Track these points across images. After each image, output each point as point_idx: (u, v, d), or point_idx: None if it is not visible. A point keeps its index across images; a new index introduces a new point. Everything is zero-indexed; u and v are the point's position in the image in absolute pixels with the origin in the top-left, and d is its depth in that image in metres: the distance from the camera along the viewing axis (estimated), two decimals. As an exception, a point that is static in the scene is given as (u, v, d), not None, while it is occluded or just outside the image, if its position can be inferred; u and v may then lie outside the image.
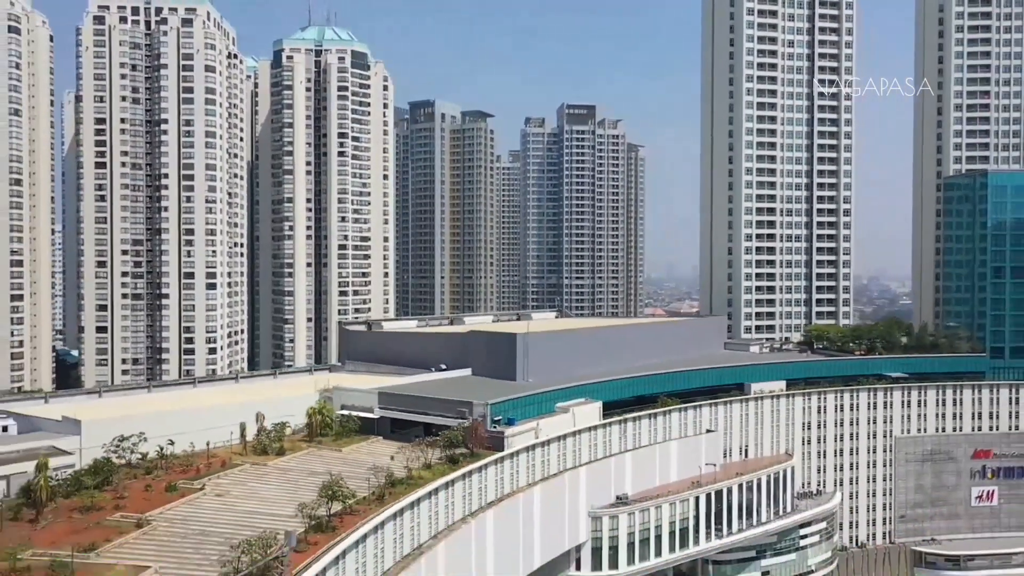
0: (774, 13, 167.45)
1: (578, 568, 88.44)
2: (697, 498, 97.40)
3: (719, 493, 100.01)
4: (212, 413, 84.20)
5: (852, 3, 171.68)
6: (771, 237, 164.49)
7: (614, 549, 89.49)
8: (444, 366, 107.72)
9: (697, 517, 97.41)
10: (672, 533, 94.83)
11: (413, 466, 71.18)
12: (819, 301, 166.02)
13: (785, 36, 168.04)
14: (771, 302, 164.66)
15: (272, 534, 49.20)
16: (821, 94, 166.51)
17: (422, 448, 75.27)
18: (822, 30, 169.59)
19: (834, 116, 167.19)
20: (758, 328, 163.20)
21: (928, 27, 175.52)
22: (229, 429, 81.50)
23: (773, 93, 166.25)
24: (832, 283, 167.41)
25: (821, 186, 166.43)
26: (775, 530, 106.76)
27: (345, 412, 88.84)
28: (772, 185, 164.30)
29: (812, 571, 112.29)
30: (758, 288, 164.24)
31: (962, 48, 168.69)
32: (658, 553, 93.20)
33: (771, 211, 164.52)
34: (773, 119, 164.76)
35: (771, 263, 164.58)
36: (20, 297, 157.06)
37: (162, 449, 73.42)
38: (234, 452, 78.91)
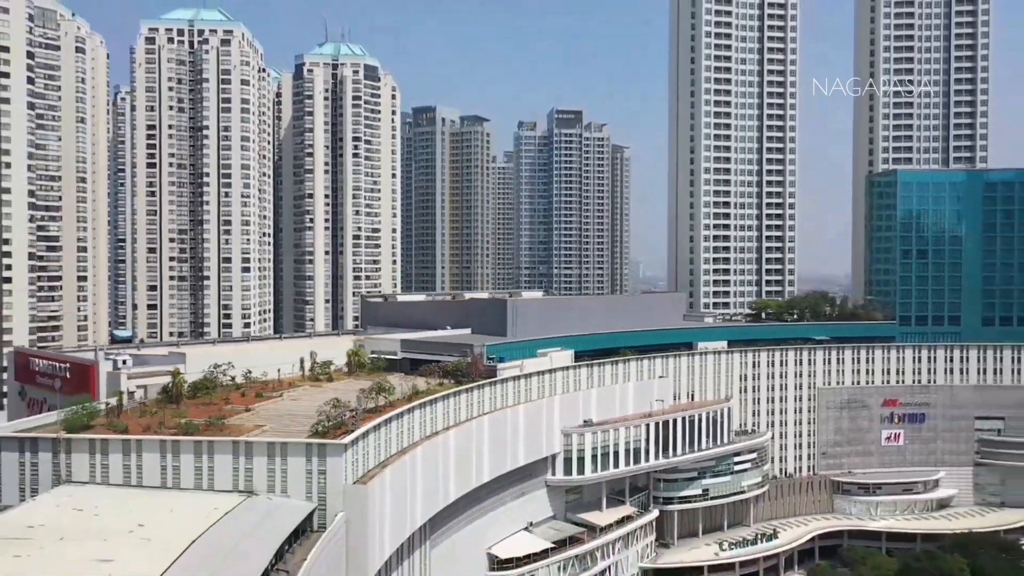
0: (728, 24, 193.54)
1: (553, 473, 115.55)
2: (648, 425, 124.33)
3: (666, 423, 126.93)
4: (277, 353, 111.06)
5: (796, 16, 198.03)
6: (726, 227, 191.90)
7: (581, 459, 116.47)
8: (448, 327, 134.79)
9: (648, 440, 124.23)
10: (627, 451, 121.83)
11: (431, 385, 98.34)
12: (768, 281, 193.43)
13: (737, 50, 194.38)
14: (727, 282, 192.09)
15: (346, 403, 76.38)
16: (770, 104, 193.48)
17: (436, 375, 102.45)
18: (771, 39, 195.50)
19: (780, 123, 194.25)
20: (716, 304, 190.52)
21: (861, 31, 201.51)
22: (290, 364, 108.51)
23: (727, 103, 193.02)
24: (779, 266, 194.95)
25: (770, 183, 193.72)
26: (713, 456, 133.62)
27: (375, 355, 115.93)
28: (727, 183, 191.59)
29: (744, 491, 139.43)
30: (716, 270, 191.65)
31: (889, 54, 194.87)
32: (616, 465, 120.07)
33: (726, 204, 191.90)
34: (728, 126, 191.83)
35: (726, 249, 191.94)
36: (84, 279, 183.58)
37: (248, 372, 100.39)
38: (296, 380, 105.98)
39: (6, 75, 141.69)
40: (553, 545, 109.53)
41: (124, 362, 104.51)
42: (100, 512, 61.83)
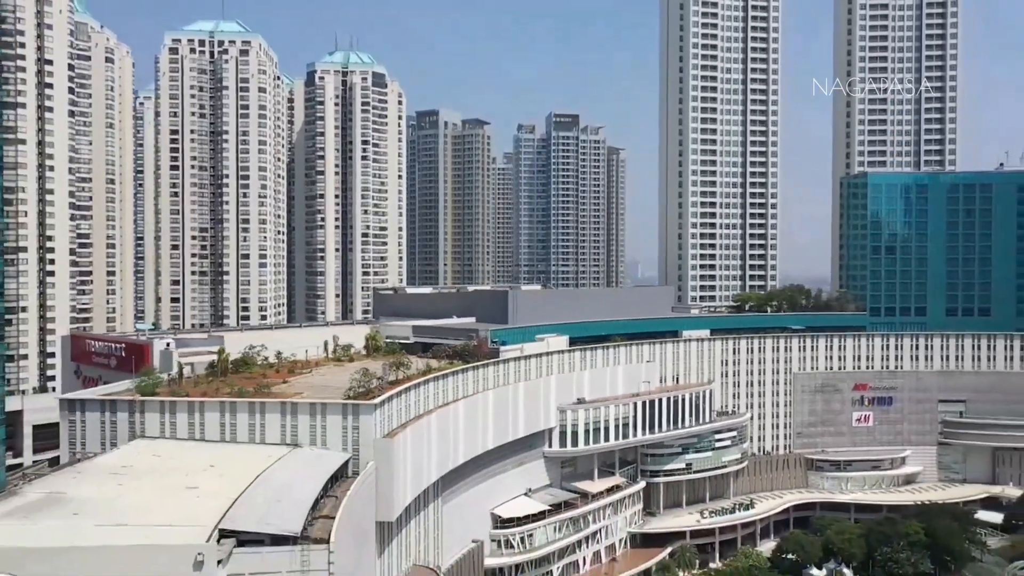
0: (714, 35, 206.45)
1: (550, 445, 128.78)
2: (635, 404, 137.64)
3: (652, 402, 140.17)
4: (302, 338, 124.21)
5: (778, 28, 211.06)
6: (712, 225, 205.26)
7: (575, 433, 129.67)
8: (455, 316, 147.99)
9: (635, 418, 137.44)
10: (616, 427, 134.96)
11: (441, 364, 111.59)
12: (751, 276, 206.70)
13: (723, 60, 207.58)
14: (712, 277, 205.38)
15: (372, 374, 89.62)
16: (753, 111, 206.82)
17: (446, 356, 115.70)
18: (754, 49, 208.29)
19: (763, 128, 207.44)
20: (703, 297, 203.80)
21: (839, 34, 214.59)
22: (314, 347, 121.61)
23: (713, 109, 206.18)
24: (762, 262, 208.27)
25: (753, 184, 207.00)
26: (695, 433, 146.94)
27: (390, 339, 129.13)
28: (713, 184, 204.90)
29: (725, 466, 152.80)
30: (703, 265, 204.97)
31: (864, 54, 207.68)
32: (606, 439, 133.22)
33: (712, 205, 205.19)
34: (713, 131, 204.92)
35: (712, 246, 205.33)
36: (113, 273, 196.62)
37: (279, 353, 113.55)
38: (321, 360, 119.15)
39: (50, 86, 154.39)
40: (550, 508, 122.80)
41: (168, 344, 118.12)
42: (175, 457, 75.06)
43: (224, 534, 55.51)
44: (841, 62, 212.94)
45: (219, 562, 51.99)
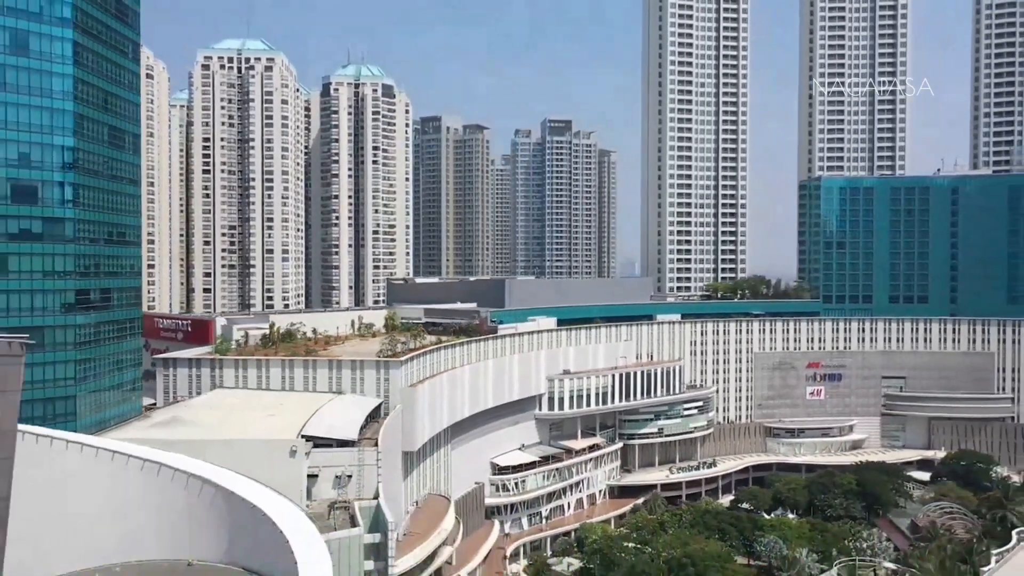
0: (689, 52, 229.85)
1: (540, 409, 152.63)
2: (614, 376, 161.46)
3: (628, 375, 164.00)
4: (332, 319, 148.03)
5: (747, 42, 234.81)
6: (688, 223, 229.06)
7: (561, 399, 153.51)
8: (458, 302, 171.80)
9: (613, 388, 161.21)
10: (597, 395, 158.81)
11: (449, 338, 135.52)
12: (723, 268, 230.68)
13: (697, 76, 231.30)
14: (688, 269, 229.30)
15: (397, 340, 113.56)
16: (725, 121, 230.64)
17: (453, 332, 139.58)
18: (726, 67, 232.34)
19: (733, 136, 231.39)
20: (679, 287, 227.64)
21: (803, 43, 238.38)
22: (343, 325, 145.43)
23: (689, 119, 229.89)
24: (732, 256, 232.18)
25: (725, 186, 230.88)
26: (666, 402, 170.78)
27: (404, 319, 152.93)
28: (688, 186, 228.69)
29: (692, 432, 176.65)
30: (679, 259, 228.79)
31: (824, 70, 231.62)
32: (588, 405, 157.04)
33: (688, 204, 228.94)
34: (689, 139, 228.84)
35: (688, 241, 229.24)
36: (152, 266, 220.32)
37: (315, 330, 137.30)
38: (349, 336, 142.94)
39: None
40: (539, 460, 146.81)
41: (227, 320, 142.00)
42: (250, 400, 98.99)
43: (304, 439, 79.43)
44: (804, 74, 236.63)
45: (306, 453, 75.75)
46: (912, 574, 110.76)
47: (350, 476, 79.60)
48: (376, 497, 78.27)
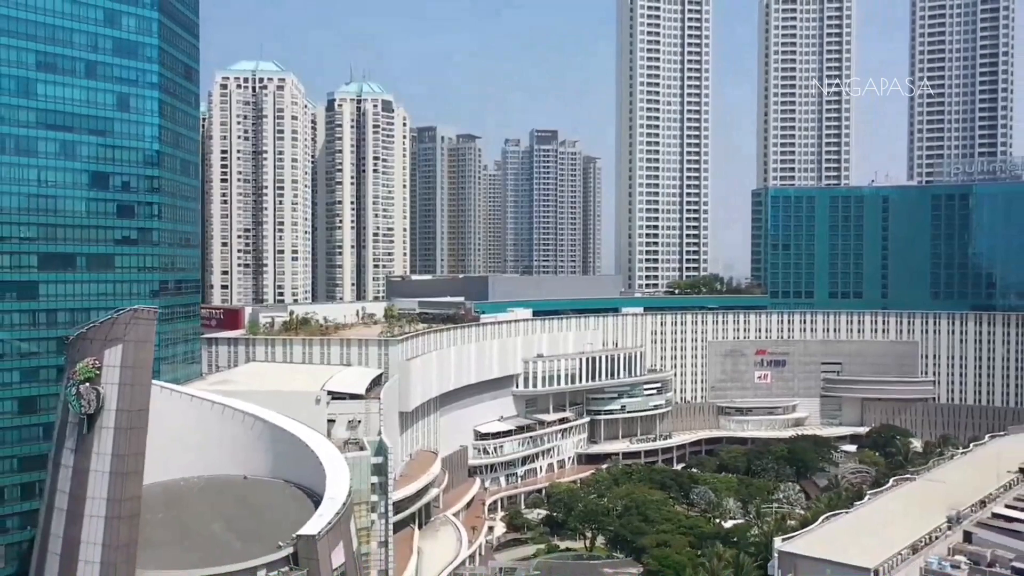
0: (656, 69, 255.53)
1: (517, 386, 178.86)
2: (581, 359, 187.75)
3: (594, 359, 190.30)
4: (339, 310, 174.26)
5: (710, 60, 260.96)
6: (655, 226, 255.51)
7: (535, 378, 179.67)
8: (449, 295, 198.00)
9: (581, 370, 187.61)
10: (567, 375, 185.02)
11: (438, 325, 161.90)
12: (687, 268, 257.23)
13: (664, 91, 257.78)
14: (655, 267, 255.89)
15: (395, 324, 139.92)
16: (689, 136, 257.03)
17: (442, 320, 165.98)
18: (690, 83, 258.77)
19: (696, 147, 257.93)
20: (648, 284, 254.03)
21: (760, 52, 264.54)
22: (348, 315, 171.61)
23: (656, 134, 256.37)
24: (695, 256, 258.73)
25: (689, 193, 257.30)
26: (628, 383, 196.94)
27: (401, 310, 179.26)
28: (656, 192, 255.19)
29: (652, 410, 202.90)
30: (648, 258, 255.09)
31: (778, 72, 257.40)
32: (559, 384, 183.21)
33: (655, 208, 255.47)
34: (656, 150, 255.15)
35: (655, 242, 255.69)
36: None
37: (326, 318, 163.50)
38: (354, 324, 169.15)
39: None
40: (515, 428, 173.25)
41: (253, 310, 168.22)
42: (279, 369, 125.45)
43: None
44: (761, 86, 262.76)
45: (327, 403, 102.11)
46: (809, 507, 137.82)
47: (359, 421, 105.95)
48: (379, 435, 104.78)
